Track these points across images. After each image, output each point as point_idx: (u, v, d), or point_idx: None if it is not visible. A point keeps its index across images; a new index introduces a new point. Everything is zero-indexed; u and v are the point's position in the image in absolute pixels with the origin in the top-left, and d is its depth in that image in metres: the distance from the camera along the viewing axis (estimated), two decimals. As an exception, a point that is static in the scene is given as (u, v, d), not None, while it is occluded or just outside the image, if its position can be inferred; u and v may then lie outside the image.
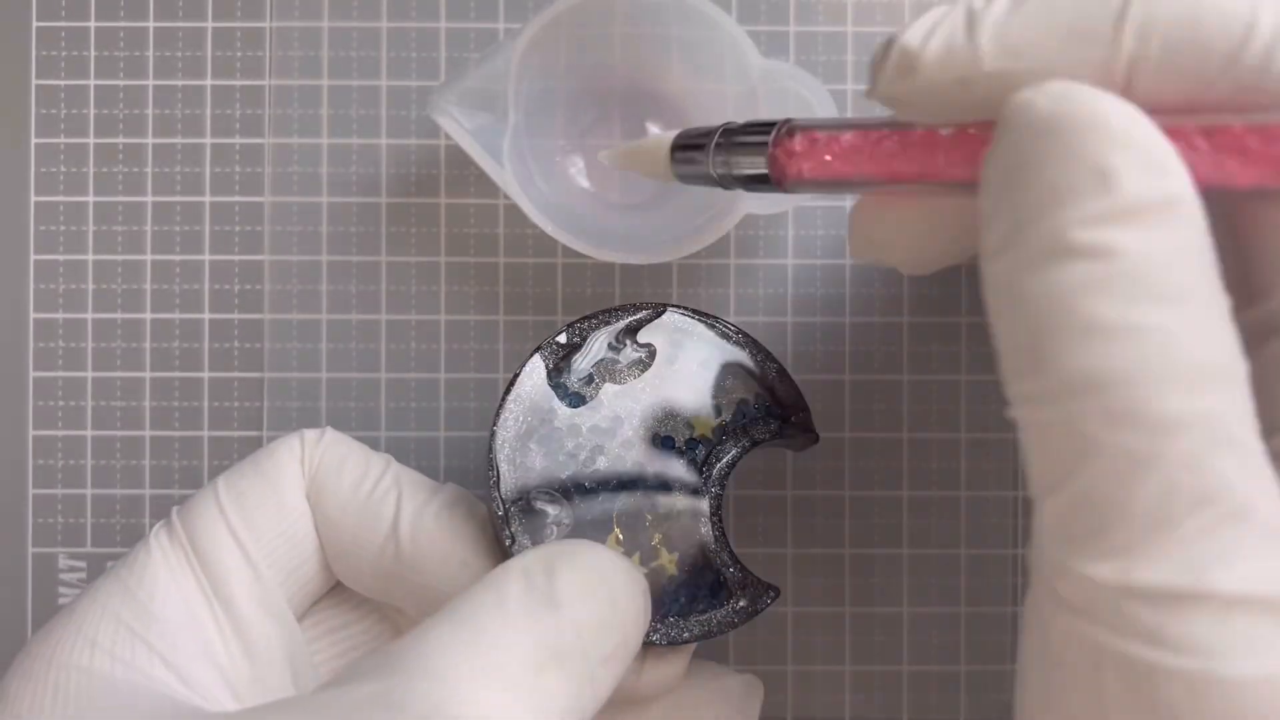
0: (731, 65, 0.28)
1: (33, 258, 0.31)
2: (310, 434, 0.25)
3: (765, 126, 0.22)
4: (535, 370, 0.25)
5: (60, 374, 0.31)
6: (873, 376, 0.31)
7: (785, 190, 0.22)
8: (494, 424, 0.24)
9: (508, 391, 0.25)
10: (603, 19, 0.29)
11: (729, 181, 0.23)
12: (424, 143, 0.31)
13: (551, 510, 0.24)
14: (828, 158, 0.21)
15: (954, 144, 0.19)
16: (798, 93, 0.28)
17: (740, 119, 0.27)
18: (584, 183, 0.30)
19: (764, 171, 0.22)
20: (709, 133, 0.24)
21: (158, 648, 0.21)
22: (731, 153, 0.23)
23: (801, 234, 0.31)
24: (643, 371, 0.25)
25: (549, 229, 0.28)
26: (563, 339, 0.25)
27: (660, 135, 0.25)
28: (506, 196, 0.29)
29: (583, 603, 0.20)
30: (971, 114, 0.19)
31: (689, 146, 0.24)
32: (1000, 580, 0.31)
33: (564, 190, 0.30)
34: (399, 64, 0.31)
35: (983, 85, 0.18)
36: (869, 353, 0.31)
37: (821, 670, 0.31)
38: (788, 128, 0.22)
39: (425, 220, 0.31)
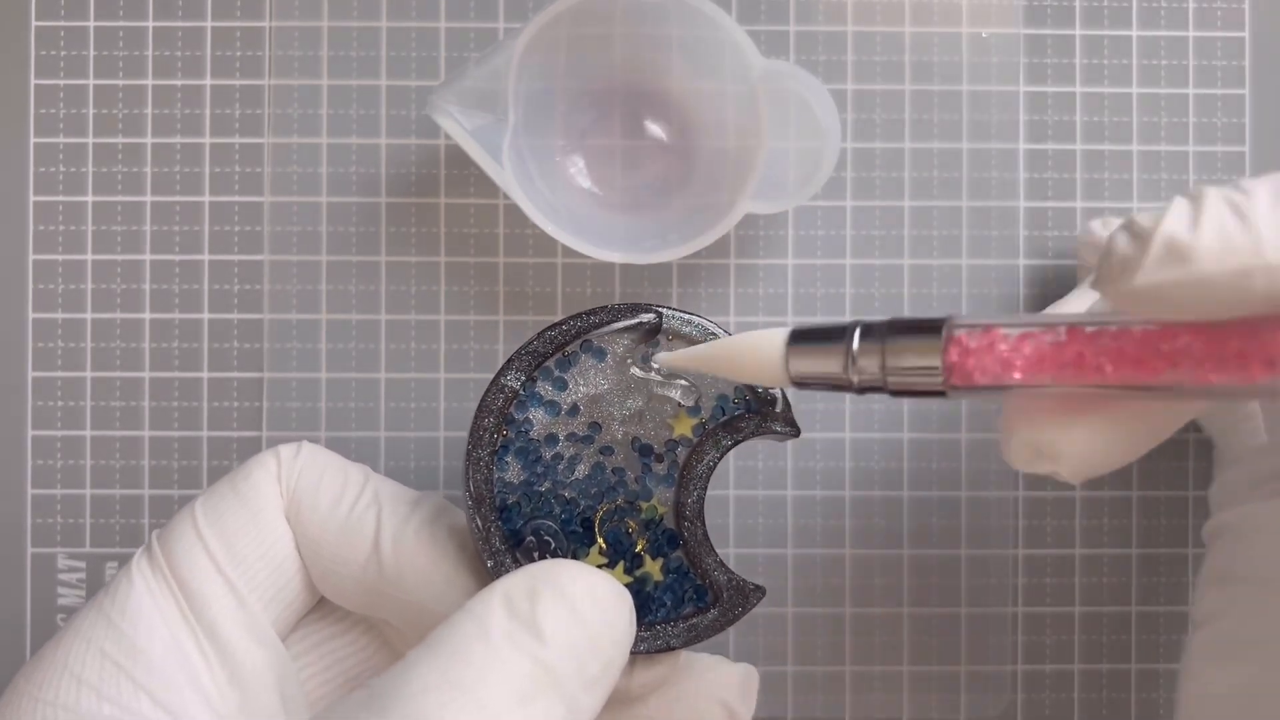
0: (731, 65, 0.28)
1: (31, 257, 0.31)
2: (286, 450, 0.24)
3: (922, 324, 0.20)
4: (507, 382, 0.24)
5: (59, 374, 0.31)
6: (873, 376, 0.31)
7: (947, 397, 0.20)
8: (468, 442, 0.24)
9: (479, 407, 0.24)
10: (603, 19, 0.28)
11: (871, 385, 0.20)
12: (424, 143, 0.31)
13: (532, 524, 0.24)
14: (1014, 360, 0.19)
15: (1202, 345, 0.18)
16: (798, 93, 0.28)
17: (740, 124, 0.26)
18: (584, 183, 0.30)
19: (935, 374, 0.19)
20: (839, 330, 0.21)
21: (143, 681, 0.21)
22: (890, 352, 0.20)
23: (801, 234, 0.31)
24: (620, 374, 0.25)
25: (549, 229, 0.28)
26: (535, 347, 0.24)
27: (758, 333, 0.22)
28: (506, 196, 0.29)
29: (566, 628, 0.20)
30: (1235, 309, 0.17)
31: (816, 342, 0.21)
32: (1000, 580, 0.31)
33: (564, 190, 0.30)
34: (399, 64, 0.31)
35: (1262, 277, 0.17)
36: (869, 353, 0.31)
37: (821, 670, 0.31)
38: (954, 325, 0.19)
39: (425, 220, 0.31)
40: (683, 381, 0.24)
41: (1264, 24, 0.31)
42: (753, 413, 0.24)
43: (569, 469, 0.24)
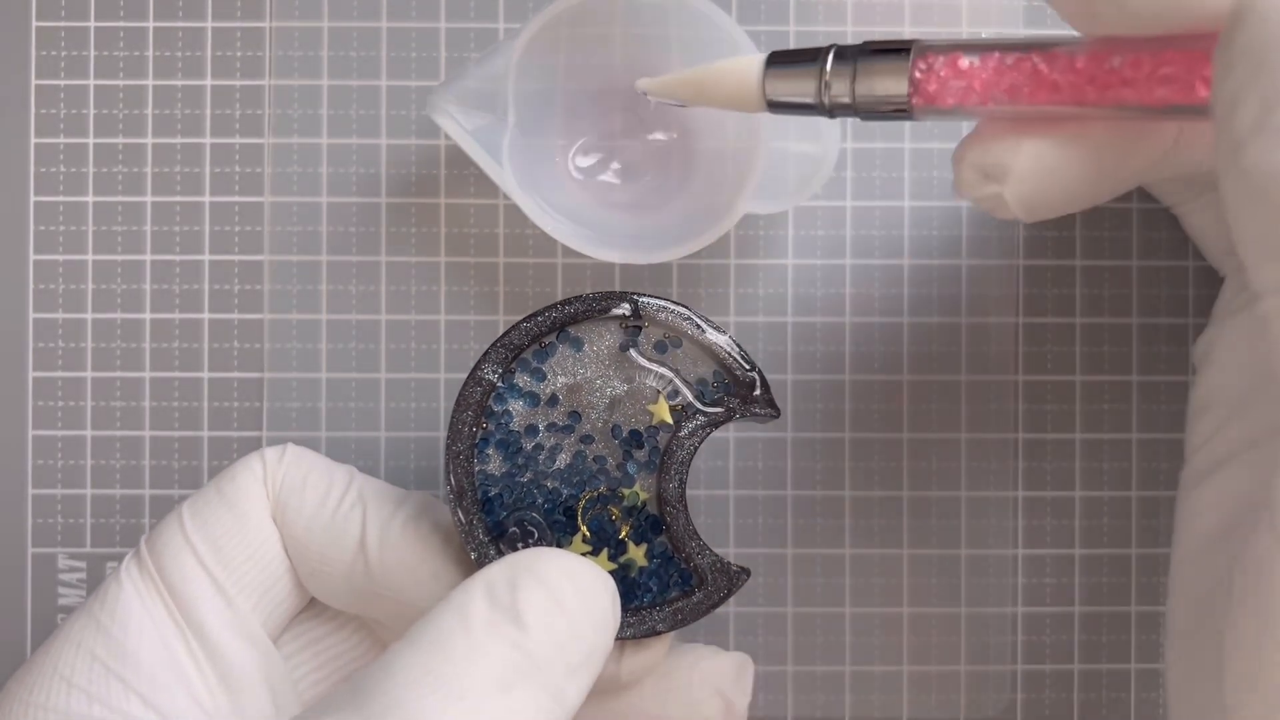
0: (731, 65, 0.28)
1: (32, 258, 0.31)
2: (271, 452, 0.25)
3: (892, 45, 0.20)
4: (484, 375, 0.24)
5: (60, 374, 0.31)
6: (873, 376, 0.31)
7: (914, 118, 0.20)
8: (446, 437, 0.24)
9: (457, 401, 0.24)
10: (603, 19, 0.29)
11: (839, 109, 0.21)
12: (424, 143, 0.31)
13: (515, 515, 0.24)
14: (975, 79, 0.19)
15: (1149, 60, 0.19)
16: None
17: (740, 124, 0.26)
18: (584, 183, 0.30)
19: (902, 94, 0.20)
20: (814, 52, 0.21)
21: (133, 683, 0.21)
22: (860, 74, 0.20)
23: (801, 234, 0.31)
24: (599, 363, 0.25)
25: (549, 229, 0.28)
26: (511, 339, 0.24)
27: (736, 58, 0.22)
28: (506, 196, 0.29)
29: (547, 617, 0.20)
30: (1174, 22, 0.18)
31: (792, 64, 0.21)
32: (1000, 580, 0.31)
33: (564, 190, 0.30)
34: (399, 64, 0.31)
35: None
36: (869, 353, 0.31)
37: (821, 670, 0.31)
38: (922, 47, 0.20)
39: (425, 220, 0.31)
40: (664, 371, 0.24)
41: (1264, 24, 0.31)
42: (732, 395, 0.24)
43: (550, 459, 0.24)
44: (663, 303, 0.24)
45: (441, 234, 0.31)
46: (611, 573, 0.24)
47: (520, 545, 0.24)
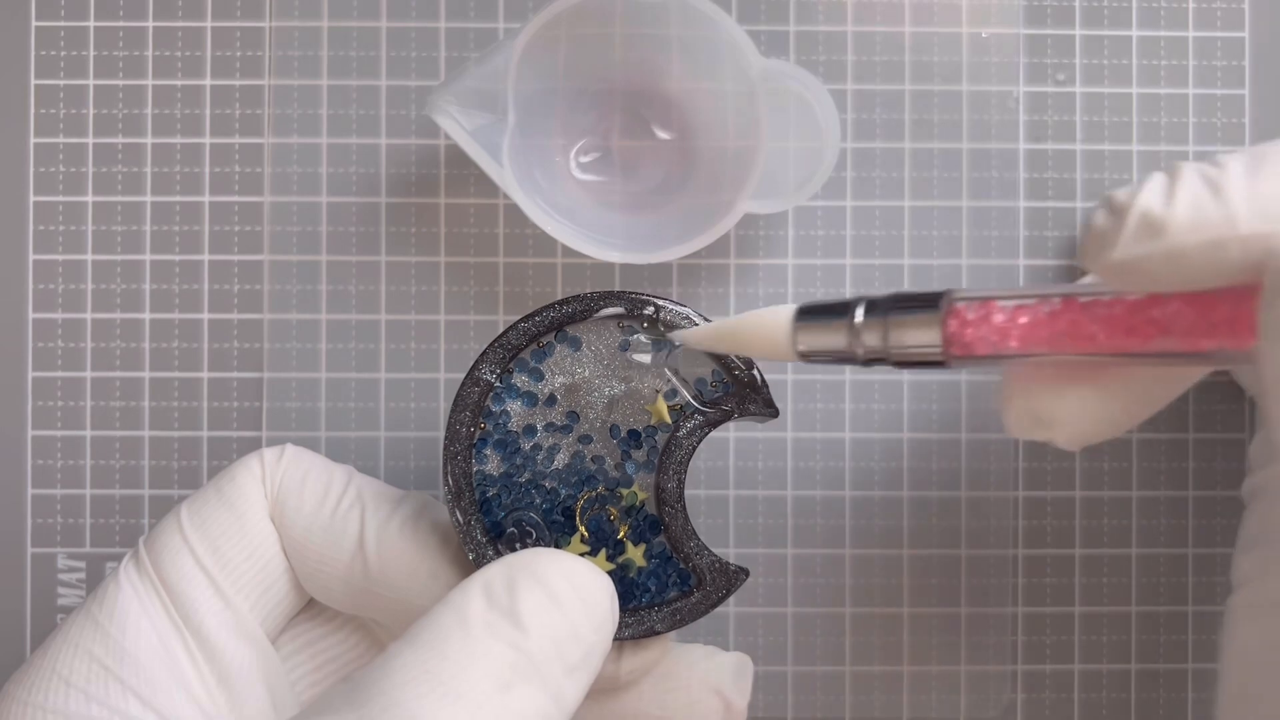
0: (731, 65, 0.28)
1: (31, 257, 0.31)
2: (270, 453, 0.25)
3: (922, 298, 0.20)
4: (482, 375, 0.24)
5: (59, 374, 0.31)
6: (873, 376, 0.31)
7: (948, 367, 0.20)
8: (444, 438, 0.24)
9: (455, 402, 0.24)
10: (603, 19, 0.28)
11: (875, 357, 0.21)
12: (424, 143, 0.31)
13: (514, 515, 0.24)
14: (1011, 331, 0.19)
15: (1191, 311, 0.18)
16: (798, 93, 0.28)
17: (740, 124, 0.26)
18: (584, 183, 0.30)
19: (935, 346, 0.20)
20: (843, 305, 0.21)
21: (131, 684, 0.22)
22: (892, 326, 0.20)
23: (801, 234, 0.31)
24: (597, 363, 0.25)
25: (549, 229, 0.28)
26: (509, 339, 0.24)
27: (766, 310, 0.22)
28: (506, 196, 0.29)
29: (545, 616, 0.20)
30: (1213, 279, 0.18)
31: (822, 317, 0.21)
32: (1000, 580, 0.31)
33: (564, 190, 0.30)
34: (398, 64, 0.31)
35: (1236, 248, 0.17)
36: (869, 353, 0.31)
37: (821, 670, 0.31)
38: (952, 299, 0.20)
39: (425, 220, 0.31)
40: (662, 371, 0.24)
41: (1264, 24, 0.31)
42: (730, 395, 0.24)
43: (548, 459, 0.24)
44: (660, 302, 0.24)
45: (441, 234, 0.31)
46: (610, 573, 0.24)
47: (518, 545, 0.24)
